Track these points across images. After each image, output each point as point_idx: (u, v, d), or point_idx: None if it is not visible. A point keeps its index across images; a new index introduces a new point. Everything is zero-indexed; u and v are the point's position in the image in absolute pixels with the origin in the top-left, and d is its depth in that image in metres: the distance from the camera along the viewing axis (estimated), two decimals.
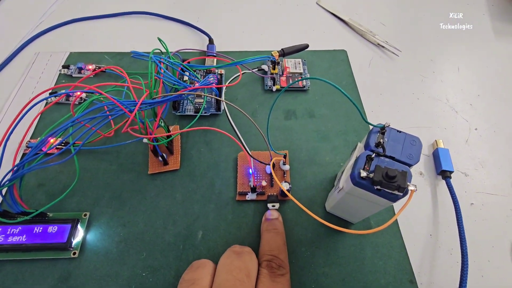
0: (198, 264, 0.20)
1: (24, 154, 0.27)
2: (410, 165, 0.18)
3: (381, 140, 0.19)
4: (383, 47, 0.38)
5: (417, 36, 0.40)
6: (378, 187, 0.17)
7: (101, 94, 0.22)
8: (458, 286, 0.23)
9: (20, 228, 0.23)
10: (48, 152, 0.24)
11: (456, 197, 0.26)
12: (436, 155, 0.29)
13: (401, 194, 0.17)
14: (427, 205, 0.27)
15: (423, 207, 0.27)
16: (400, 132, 0.19)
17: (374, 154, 0.18)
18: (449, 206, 0.27)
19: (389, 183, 0.16)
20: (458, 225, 0.25)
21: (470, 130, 0.32)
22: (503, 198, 0.28)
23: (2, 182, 0.21)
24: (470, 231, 0.26)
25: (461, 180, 0.29)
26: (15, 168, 0.21)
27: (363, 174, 0.17)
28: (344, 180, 0.20)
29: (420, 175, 0.29)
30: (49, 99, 0.31)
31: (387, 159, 0.18)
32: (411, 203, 0.28)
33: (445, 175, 0.28)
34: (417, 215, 0.27)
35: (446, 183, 0.27)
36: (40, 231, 0.24)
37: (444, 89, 0.35)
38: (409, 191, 0.17)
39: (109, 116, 0.23)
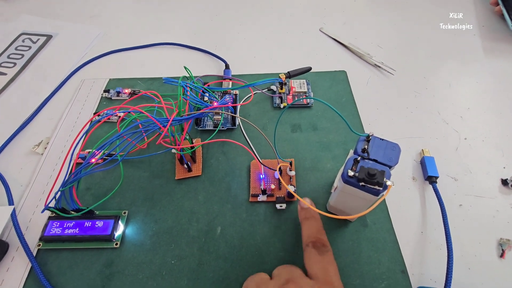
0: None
1: (76, 164, 0.33)
2: (390, 166, 0.22)
3: (366, 147, 0.23)
4: (379, 67, 0.43)
5: (411, 56, 0.45)
6: (362, 183, 0.21)
7: (141, 113, 0.28)
8: (445, 276, 0.26)
9: (74, 222, 0.29)
10: (96, 162, 0.30)
11: (442, 199, 0.30)
12: (422, 163, 0.33)
13: (381, 188, 0.21)
14: (419, 206, 0.31)
15: (416, 208, 0.31)
16: (382, 140, 0.23)
17: (360, 157, 0.22)
18: (439, 208, 0.30)
19: (370, 180, 0.20)
20: (443, 223, 0.28)
21: (460, 140, 0.36)
22: (490, 200, 0.31)
23: (66, 183, 0.26)
24: (459, 229, 0.29)
25: (451, 184, 0.32)
26: (74, 173, 0.27)
27: (351, 173, 0.22)
28: (337, 180, 0.24)
29: (413, 180, 0.33)
30: (99, 118, 0.37)
31: (370, 161, 0.22)
32: (405, 204, 0.31)
33: (432, 180, 0.31)
34: (410, 215, 0.30)
35: (433, 187, 0.31)
36: (89, 225, 0.29)
37: (436, 103, 0.39)
38: (387, 186, 0.21)
39: (144, 133, 0.29)
